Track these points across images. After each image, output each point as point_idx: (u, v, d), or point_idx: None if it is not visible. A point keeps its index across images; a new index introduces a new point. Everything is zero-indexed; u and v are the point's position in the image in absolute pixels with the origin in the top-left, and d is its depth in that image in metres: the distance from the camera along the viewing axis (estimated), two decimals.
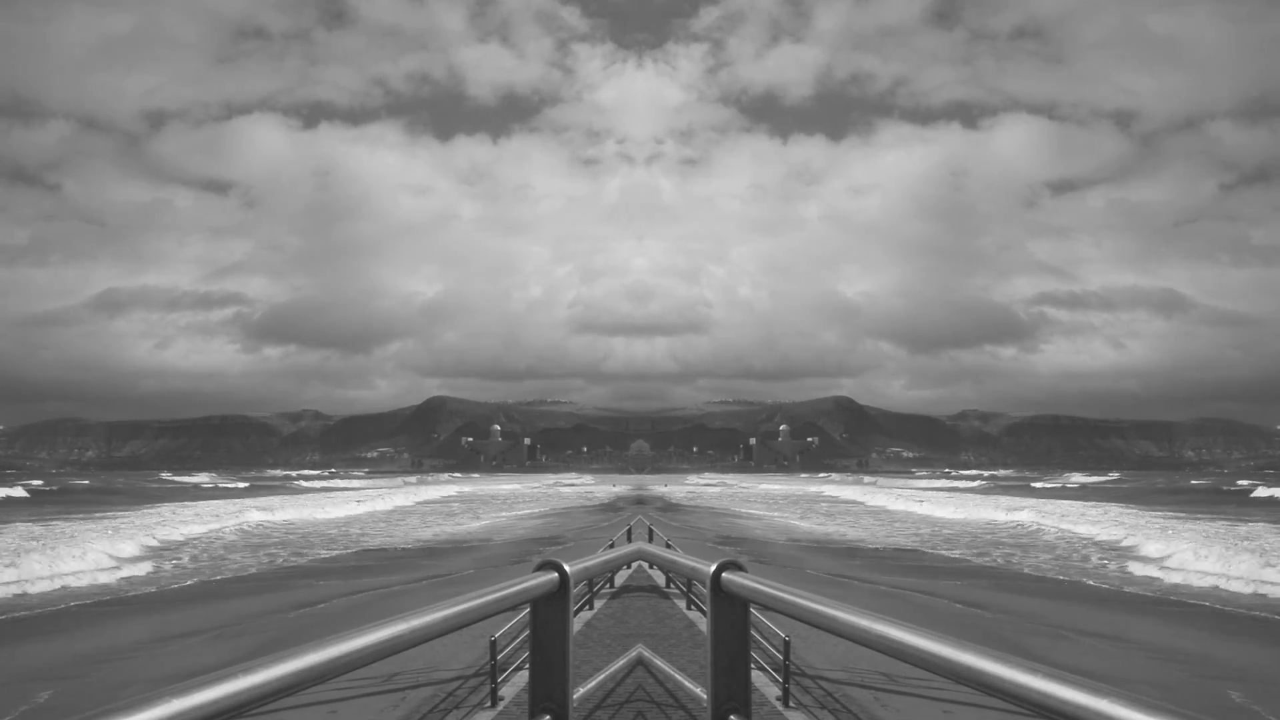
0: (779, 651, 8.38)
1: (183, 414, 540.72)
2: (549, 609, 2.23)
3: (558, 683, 2.22)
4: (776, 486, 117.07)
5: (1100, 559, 30.28)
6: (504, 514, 56.15)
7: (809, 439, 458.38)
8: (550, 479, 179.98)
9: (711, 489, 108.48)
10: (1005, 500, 67.75)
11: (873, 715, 7.97)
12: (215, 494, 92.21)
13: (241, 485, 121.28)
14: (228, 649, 13.67)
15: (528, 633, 2.27)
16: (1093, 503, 68.77)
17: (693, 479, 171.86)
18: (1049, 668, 1.05)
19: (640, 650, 3.66)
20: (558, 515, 55.66)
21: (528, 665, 2.25)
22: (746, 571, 2.19)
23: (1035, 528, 42.81)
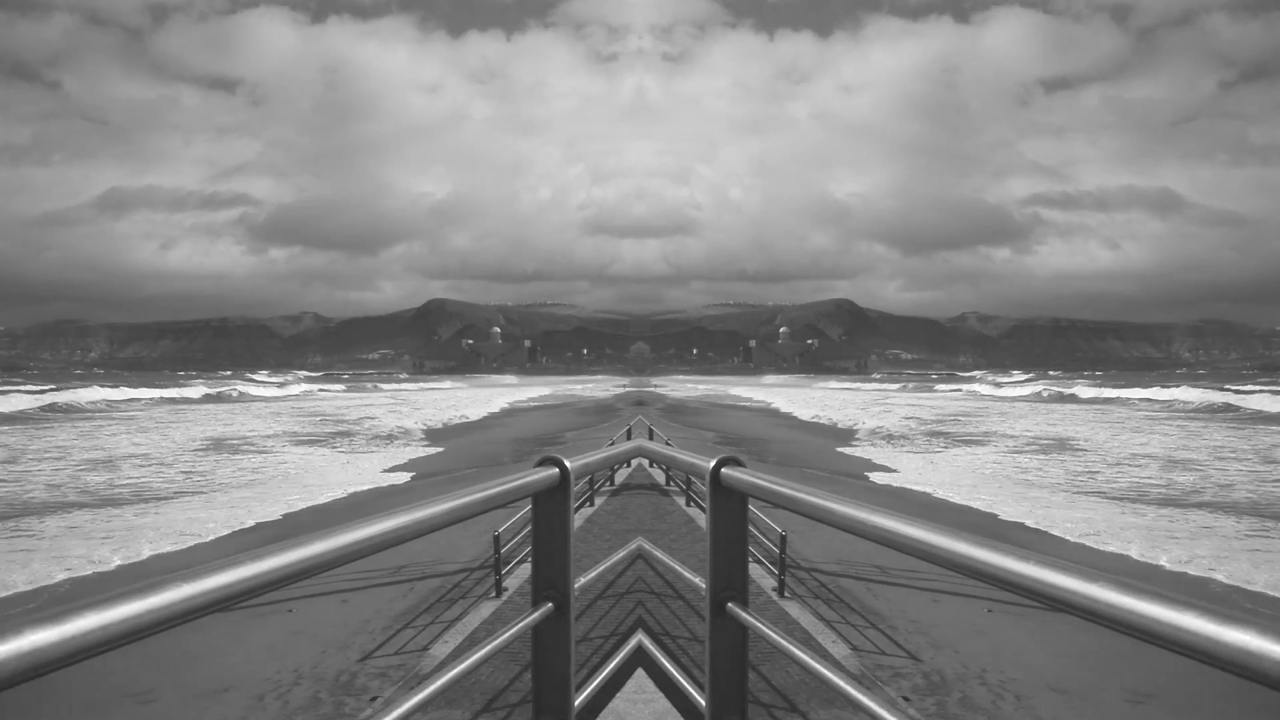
0: (775, 546, 8.64)
1: (185, 316, 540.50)
2: (550, 503, 2.27)
3: (559, 573, 2.28)
4: (704, 387, 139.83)
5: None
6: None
7: (809, 341, 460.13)
8: (591, 378, 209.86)
9: (665, 387, 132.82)
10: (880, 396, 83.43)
11: (865, 604, 8.28)
12: (335, 395, 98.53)
13: (338, 388, 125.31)
14: None
15: (530, 527, 2.32)
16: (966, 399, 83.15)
17: (659, 380, 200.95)
18: (1040, 554, 1.08)
19: (640, 543, 3.76)
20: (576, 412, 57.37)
21: (530, 558, 2.31)
22: (745, 467, 2.23)
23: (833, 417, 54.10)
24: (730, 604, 2.29)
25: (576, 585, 2.40)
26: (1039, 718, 5.58)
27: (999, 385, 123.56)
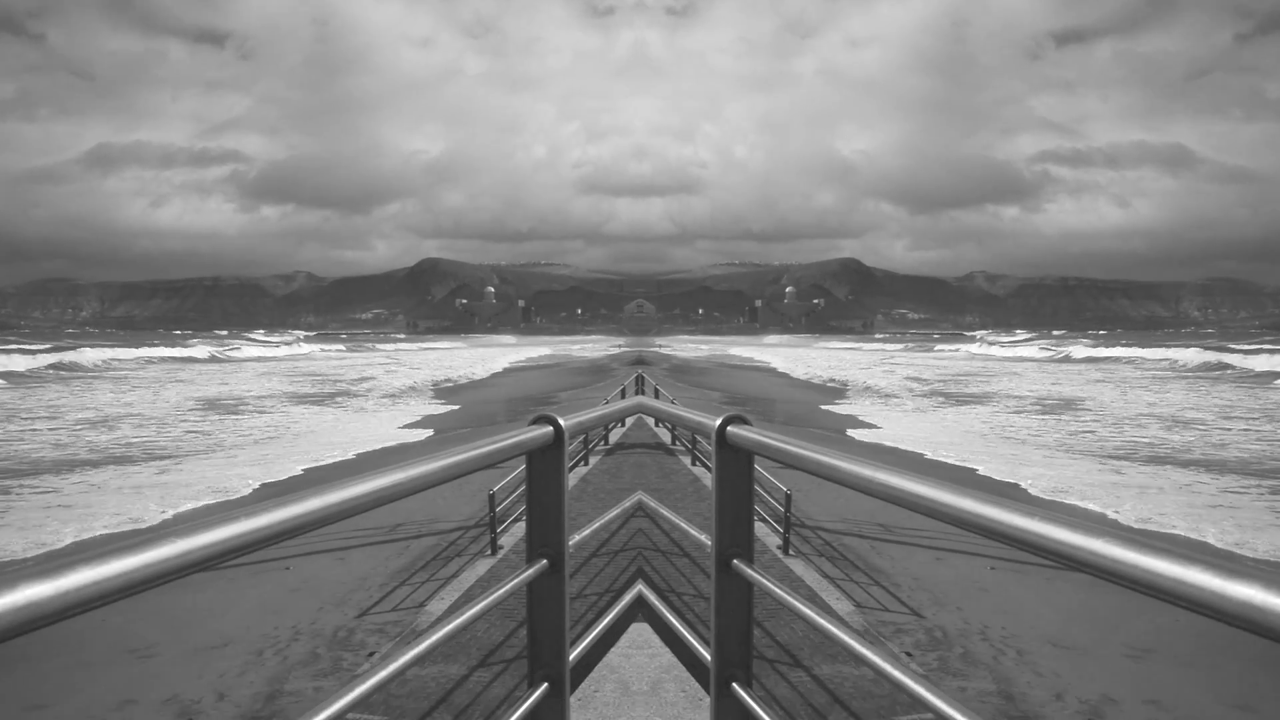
0: (780, 505, 8.71)
1: (177, 275, 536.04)
2: (544, 461, 2.26)
3: (553, 530, 2.29)
4: (706, 348, 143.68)
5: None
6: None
7: (815, 301, 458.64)
8: (588, 339, 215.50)
9: (667, 347, 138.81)
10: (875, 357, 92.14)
11: (868, 562, 8.36)
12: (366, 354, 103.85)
13: (338, 348, 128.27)
14: None
15: (524, 486, 2.33)
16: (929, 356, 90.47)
17: (662, 340, 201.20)
18: (1046, 510, 1.08)
19: (640, 498, 3.78)
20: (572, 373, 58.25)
21: (525, 517, 2.33)
22: (751, 425, 2.23)
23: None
24: (736, 560, 2.31)
25: (572, 542, 2.42)
26: (1039, 672, 5.65)
27: (992, 345, 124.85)
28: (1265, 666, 5.66)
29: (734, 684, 2.37)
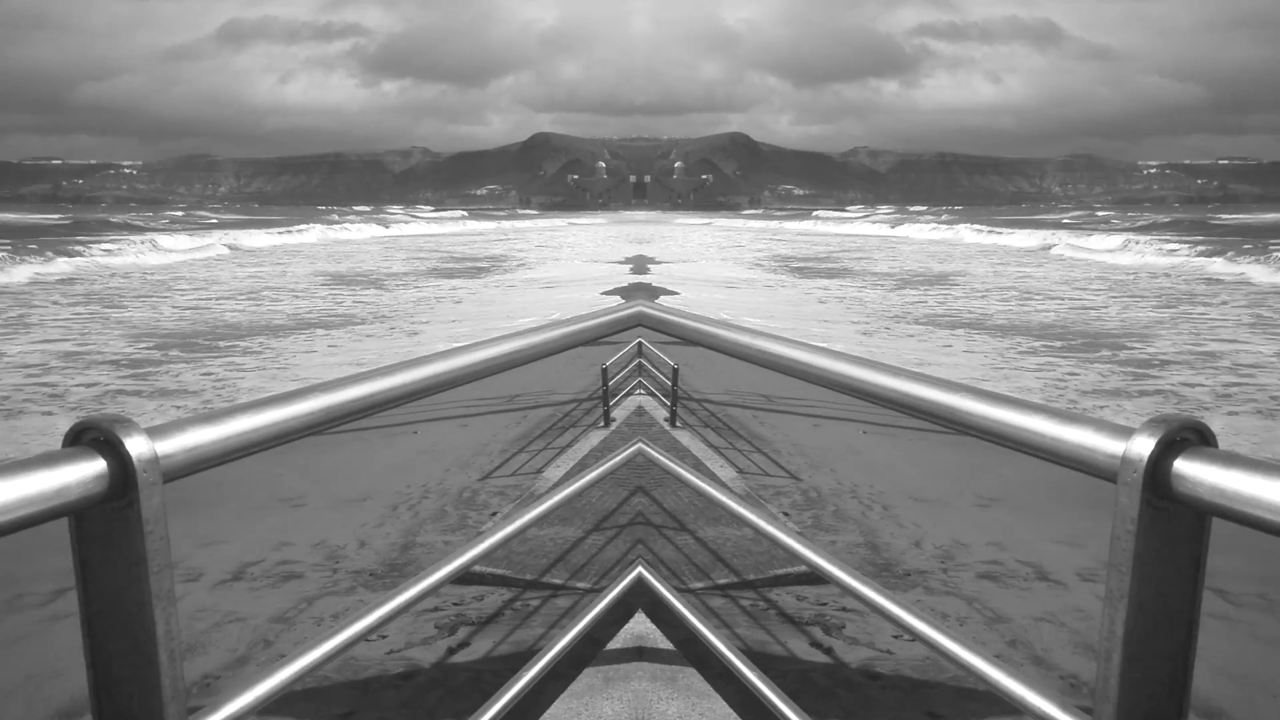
0: (668, 379, 8.94)
1: (303, 151, 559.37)
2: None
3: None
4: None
5: None
6: None
7: (704, 176, 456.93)
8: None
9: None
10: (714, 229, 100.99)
11: (752, 431, 8.78)
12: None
13: (490, 225, 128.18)
14: None
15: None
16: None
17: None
18: (911, 371, 1.15)
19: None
20: None
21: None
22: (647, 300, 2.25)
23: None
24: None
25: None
26: (901, 524, 6.19)
27: (825, 220, 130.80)
28: (1089, 508, 6.38)
29: None
